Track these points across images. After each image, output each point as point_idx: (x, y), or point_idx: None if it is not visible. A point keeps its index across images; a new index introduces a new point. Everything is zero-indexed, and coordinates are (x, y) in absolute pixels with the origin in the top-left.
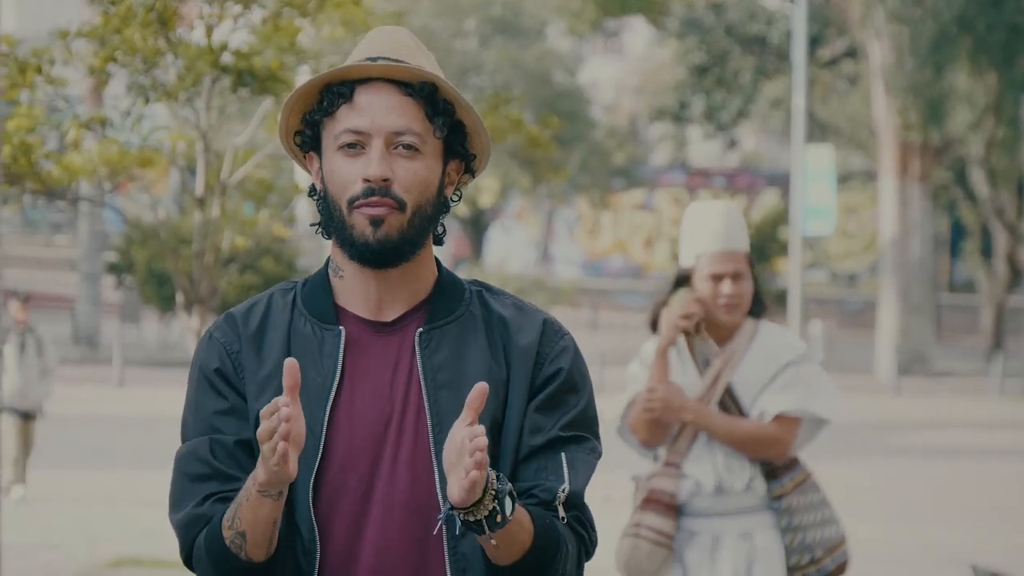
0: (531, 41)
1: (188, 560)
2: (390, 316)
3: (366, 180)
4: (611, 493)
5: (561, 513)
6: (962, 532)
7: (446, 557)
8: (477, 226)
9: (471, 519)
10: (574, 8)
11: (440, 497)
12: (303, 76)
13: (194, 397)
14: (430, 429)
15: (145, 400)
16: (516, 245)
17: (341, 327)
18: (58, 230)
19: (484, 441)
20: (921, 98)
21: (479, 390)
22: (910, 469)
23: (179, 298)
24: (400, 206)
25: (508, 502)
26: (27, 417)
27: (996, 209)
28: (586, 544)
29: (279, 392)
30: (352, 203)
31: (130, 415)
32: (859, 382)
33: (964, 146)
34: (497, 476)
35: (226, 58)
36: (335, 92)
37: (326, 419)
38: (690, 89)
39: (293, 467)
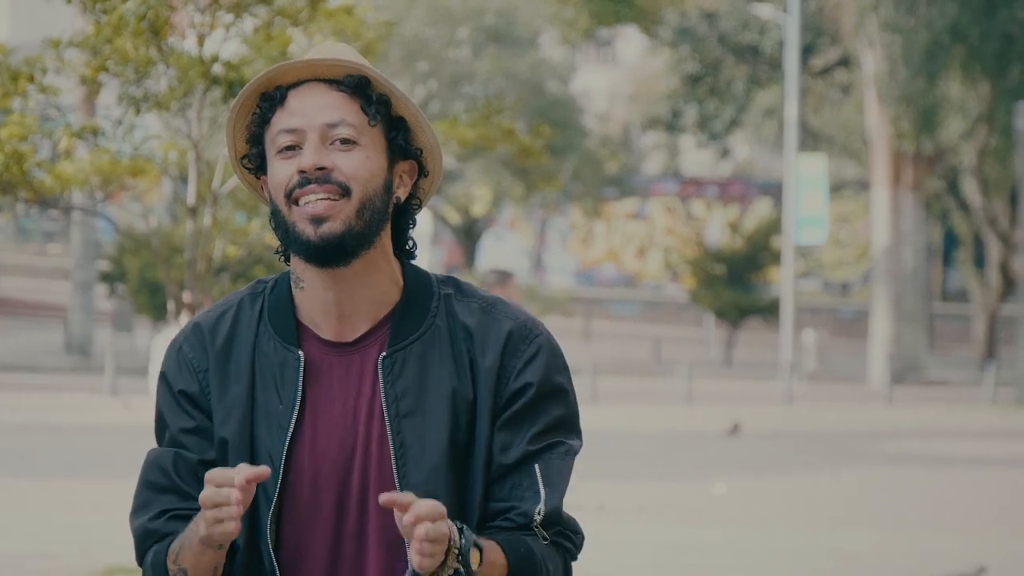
0: (524, 50)
1: (141, 565)
2: (352, 334)
3: (300, 171)
4: (605, 501)
5: (542, 535)
6: (956, 540)
7: None
8: (470, 235)
9: None
10: (567, 17)
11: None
12: None
13: (162, 407)
14: (393, 461)
15: (138, 408)
16: (509, 254)
17: (300, 352)
18: (51, 239)
19: (424, 530)
20: (914, 107)
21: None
22: (903, 478)
23: (171, 307)
24: (345, 191)
25: (475, 554)
26: None
27: (989, 218)
28: (572, 551)
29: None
30: (290, 195)
31: (123, 424)
32: (852, 391)
33: (957, 155)
34: (460, 530)
35: (217, 69)
36: (268, 97)
37: (284, 452)
38: (683, 98)
39: (235, 529)
